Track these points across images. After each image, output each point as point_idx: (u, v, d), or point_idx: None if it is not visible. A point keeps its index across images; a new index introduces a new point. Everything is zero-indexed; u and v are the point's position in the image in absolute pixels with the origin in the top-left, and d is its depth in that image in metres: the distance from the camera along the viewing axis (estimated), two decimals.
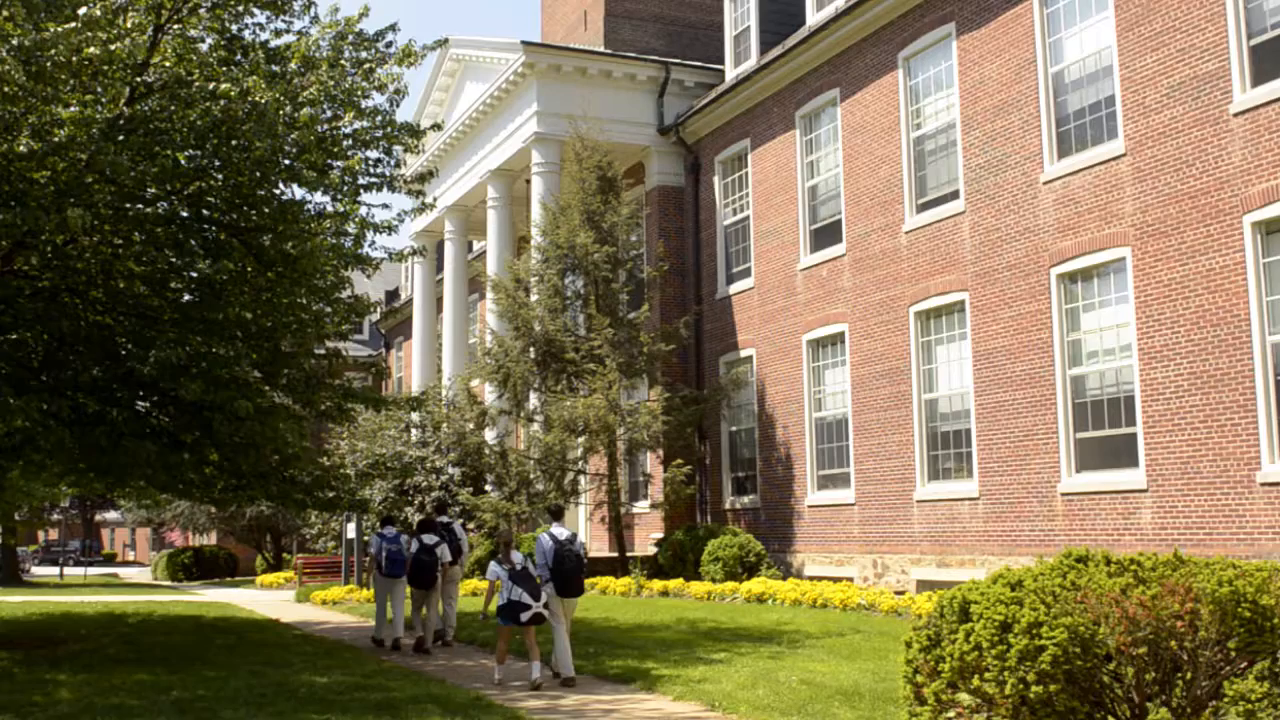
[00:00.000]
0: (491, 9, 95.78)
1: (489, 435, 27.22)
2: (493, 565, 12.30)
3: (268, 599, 29.46)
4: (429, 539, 16.03)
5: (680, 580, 22.95)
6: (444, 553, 16.09)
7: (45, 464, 16.30)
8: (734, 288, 26.26)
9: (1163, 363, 15.96)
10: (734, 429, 26.16)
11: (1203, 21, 15.65)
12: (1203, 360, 15.42)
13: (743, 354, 25.80)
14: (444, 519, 17.21)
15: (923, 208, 20.77)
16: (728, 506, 25.91)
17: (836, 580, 20.99)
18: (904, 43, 21.22)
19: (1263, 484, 14.60)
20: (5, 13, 11.73)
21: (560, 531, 12.45)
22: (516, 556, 12.20)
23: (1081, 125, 17.72)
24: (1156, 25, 16.33)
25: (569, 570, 12.33)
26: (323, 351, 17.42)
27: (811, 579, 21.66)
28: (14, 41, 11.58)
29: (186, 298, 15.01)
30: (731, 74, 27.03)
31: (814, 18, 24.20)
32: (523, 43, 27.61)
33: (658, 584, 22.82)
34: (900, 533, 20.64)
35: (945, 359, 20.18)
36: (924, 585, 19.72)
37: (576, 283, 25.47)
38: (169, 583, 47.76)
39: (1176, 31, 16.02)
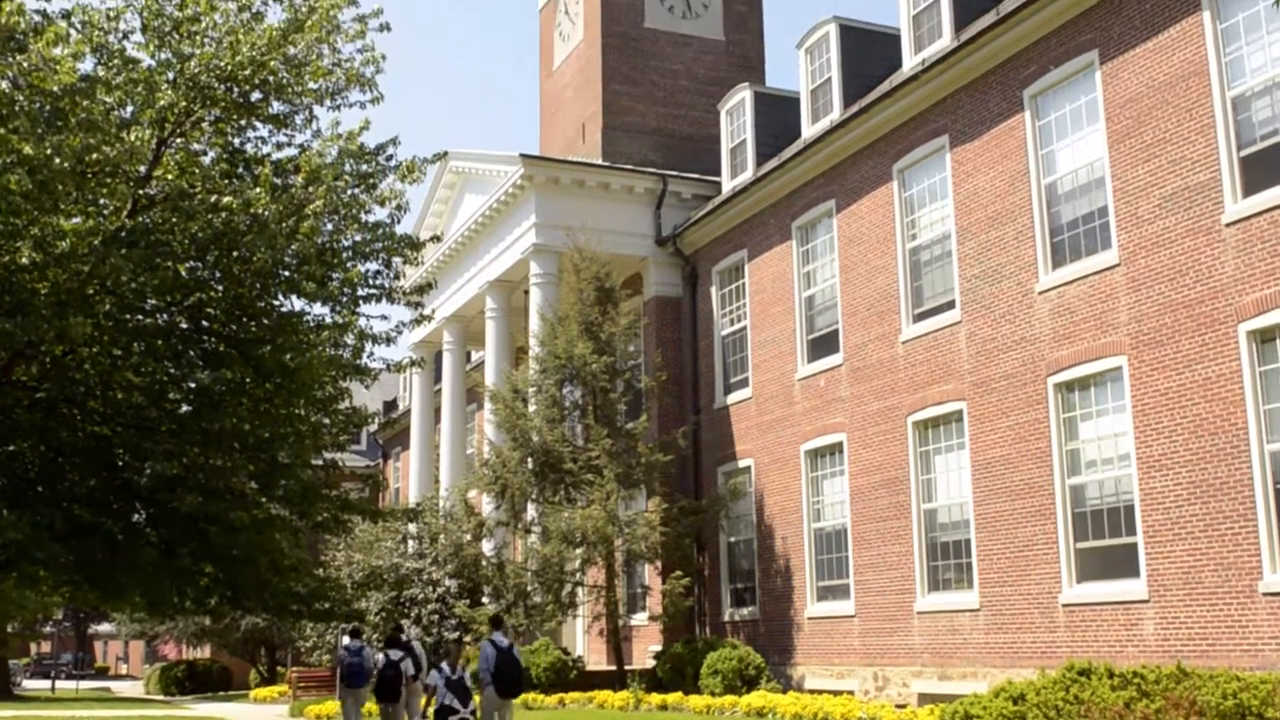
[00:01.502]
0: (491, 122, 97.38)
1: (486, 547, 27.02)
2: (433, 673, 14.00)
3: (261, 714, 29.00)
4: (394, 654, 17.02)
5: (679, 694, 22.61)
6: (407, 667, 17.51)
7: (39, 576, 16.13)
8: (732, 398, 26.28)
9: (1162, 472, 15.91)
10: (732, 540, 25.98)
11: (1193, 134, 15.88)
12: (1202, 469, 15.37)
13: (741, 464, 25.73)
14: (404, 638, 18.35)
15: (919, 317, 20.87)
16: (727, 618, 25.63)
17: (837, 693, 20.68)
18: (898, 155, 21.51)
19: (1265, 594, 14.47)
20: (10, 125, 11.87)
21: (501, 639, 14.36)
22: (448, 668, 13.97)
23: (1075, 235, 17.88)
24: (1148, 137, 16.56)
25: (509, 674, 14.18)
26: (320, 463, 17.33)
27: (812, 692, 21.34)
28: (18, 152, 11.71)
29: (184, 408, 14.96)
30: (728, 186, 27.34)
31: (809, 130, 24.55)
32: (521, 155, 27.97)
33: (656, 698, 22.48)
34: (901, 644, 20.39)
35: (944, 469, 20.12)
36: (926, 698, 19.43)
37: (575, 393, 25.48)
38: (162, 697, 47.06)
39: (1167, 143, 16.24)
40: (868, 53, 24.25)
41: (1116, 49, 17.12)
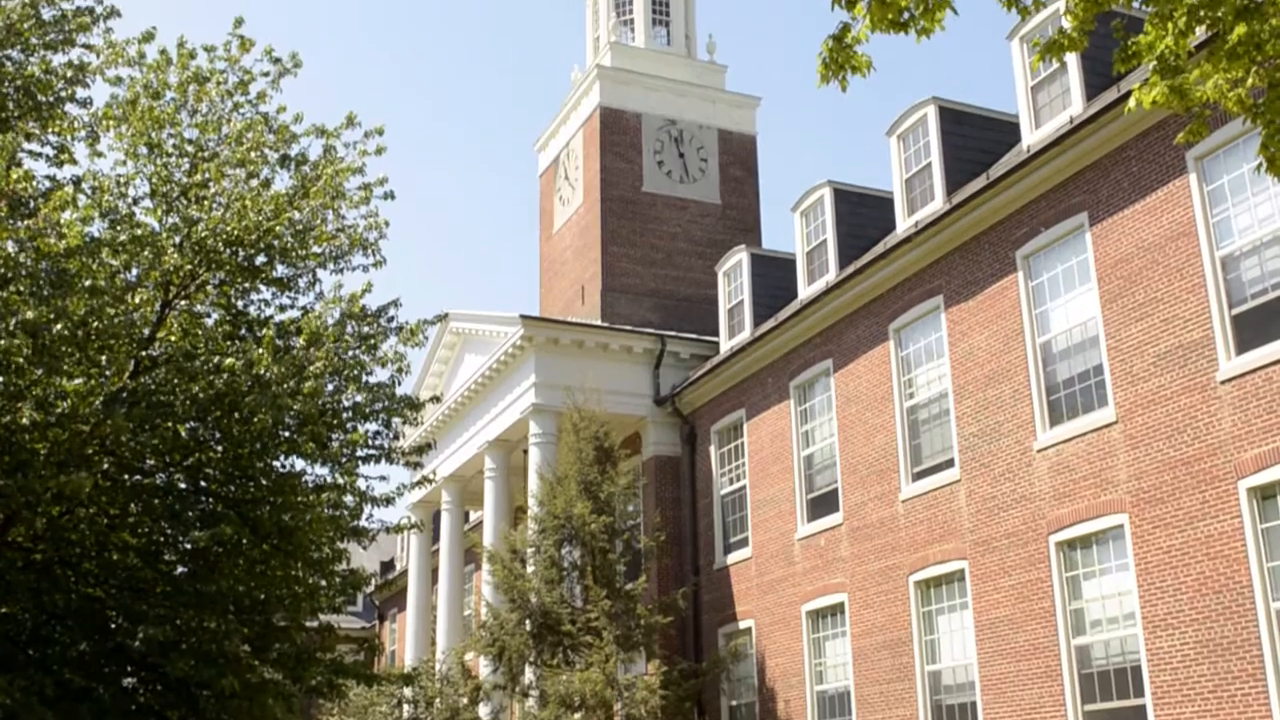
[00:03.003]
0: (491, 283, 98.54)
1: (483, 711, 26.50)
2: None
3: None
4: None
5: None
6: None
7: None
8: (732, 558, 26.07)
9: (1167, 631, 15.71)
10: (734, 703, 25.50)
11: (1184, 293, 16.09)
12: (1208, 628, 15.19)
13: (741, 625, 25.40)
14: None
15: (918, 476, 20.84)
16: None
17: None
18: (894, 315, 21.74)
19: None
20: (12, 288, 12.02)
21: None
22: None
23: (1072, 393, 17.97)
24: (1139, 297, 16.77)
25: None
26: (316, 625, 17.13)
27: None
28: (20, 316, 11.82)
29: (180, 570, 14.85)
30: (726, 346, 27.56)
31: (805, 291, 24.86)
32: (521, 316, 28.26)
33: None
34: None
35: (947, 629, 19.86)
36: None
37: (573, 553, 25.27)
38: None
39: (1159, 302, 16.44)
40: (861, 215, 24.71)
41: (1106, 211, 17.46)
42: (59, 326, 11.81)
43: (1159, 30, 7.75)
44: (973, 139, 21.82)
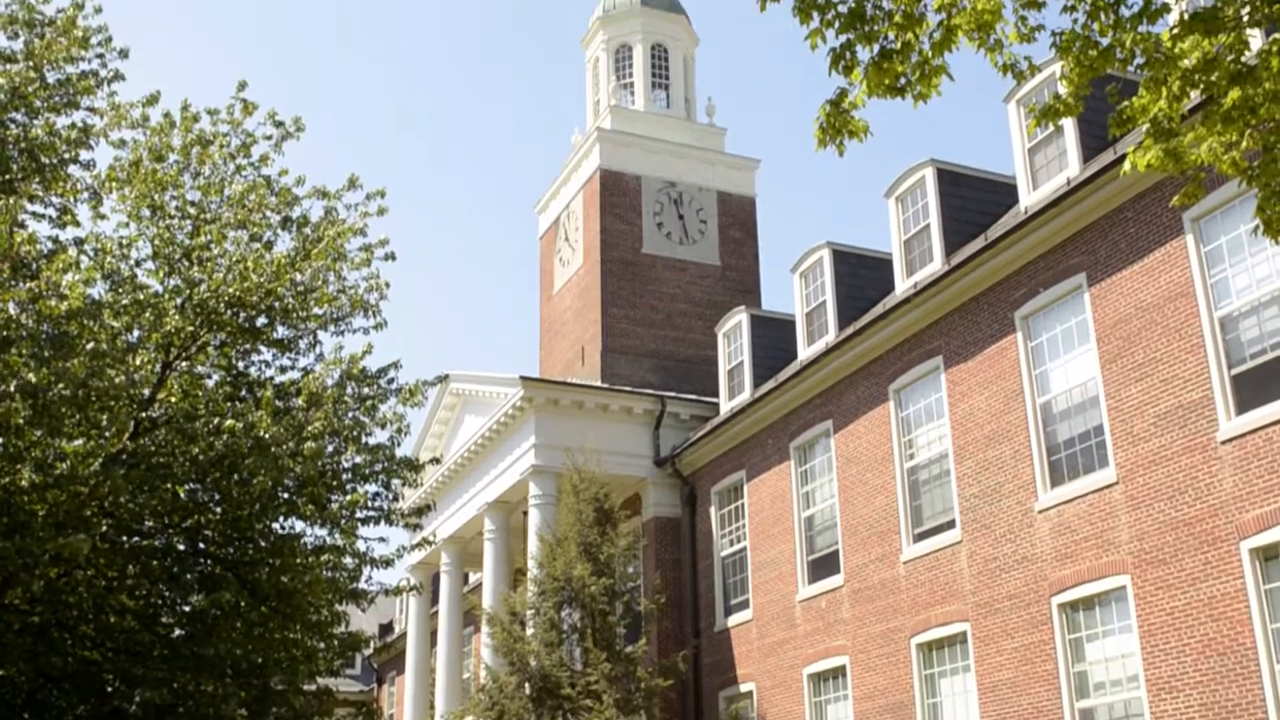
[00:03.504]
0: (491, 344, 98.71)
1: None
2: None
3: None
4: None
5: None
6: None
7: None
8: (733, 620, 25.91)
9: (1172, 694, 15.58)
10: None
11: (1183, 353, 16.12)
12: (1213, 691, 15.06)
13: (743, 688, 25.19)
14: None
15: (920, 537, 20.76)
16: None
17: None
18: (894, 375, 21.76)
19: None
20: (14, 350, 12.04)
21: None
22: None
23: (1072, 454, 17.94)
24: (1138, 357, 16.79)
25: None
26: (314, 689, 17.00)
27: None
28: (21, 378, 11.83)
29: (177, 633, 14.77)
30: (726, 407, 27.55)
31: (805, 352, 24.89)
32: (521, 378, 28.27)
33: None
34: None
35: (950, 692, 19.70)
36: None
37: (573, 616, 25.11)
38: None
39: (1159, 363, 16.46)
40: (861, 276, 24.79)
41: (1104, 272, 17.53)
42: (60, 388, 11.82)
43: (1153, 94, 7.83)
44: (971, 200, 21.94)
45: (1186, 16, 7.61)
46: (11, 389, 11.76)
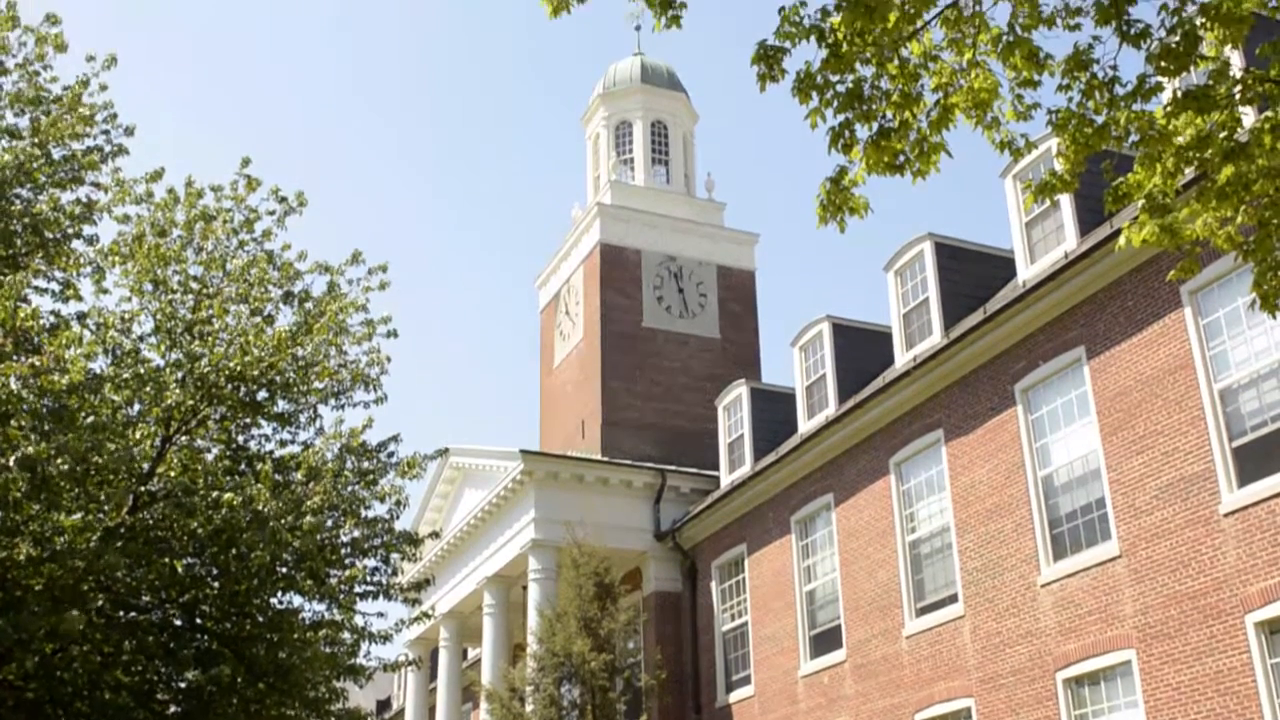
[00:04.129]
0: (492, 419, 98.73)
1: None
2: None
3: None
4: None
5: None
6: None
7: None
8: (734, 695, 25.66)
9: None
10: None
11: (1184, 425, 16.11)
12: None
13: None
14: None
15: (922, 611, 20.62)
16: None
17: None
18: (894, 448, 21.73)
19: None
20: (14, 423, 12.03)
21: None
22: None
23: (1075, 527, 17.88)
24: (1139, 429, 16.78)
25: None
26: None
27: None
28: (21, 451, 11.82)
29: (173, 709, 14.62)
30: (726, 480, 27.49)
31: (805, 425, 24.88)
32: (521, 451, 28.23)
33: None
34: None
35: None
36: None
37: (573, 692, 24.89)
38: None
39: (1160, 435, 16.45)
40: (860, 349, 24.84)
41: (1103, 345, 17.57)
42: (59, 462, 11.80)
43: (1148, 171, 7.91)
44: (969, 274, 22.05)
45: (1180, 94, 7.70)
46: (10, 463, 11.75)
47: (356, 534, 14.96)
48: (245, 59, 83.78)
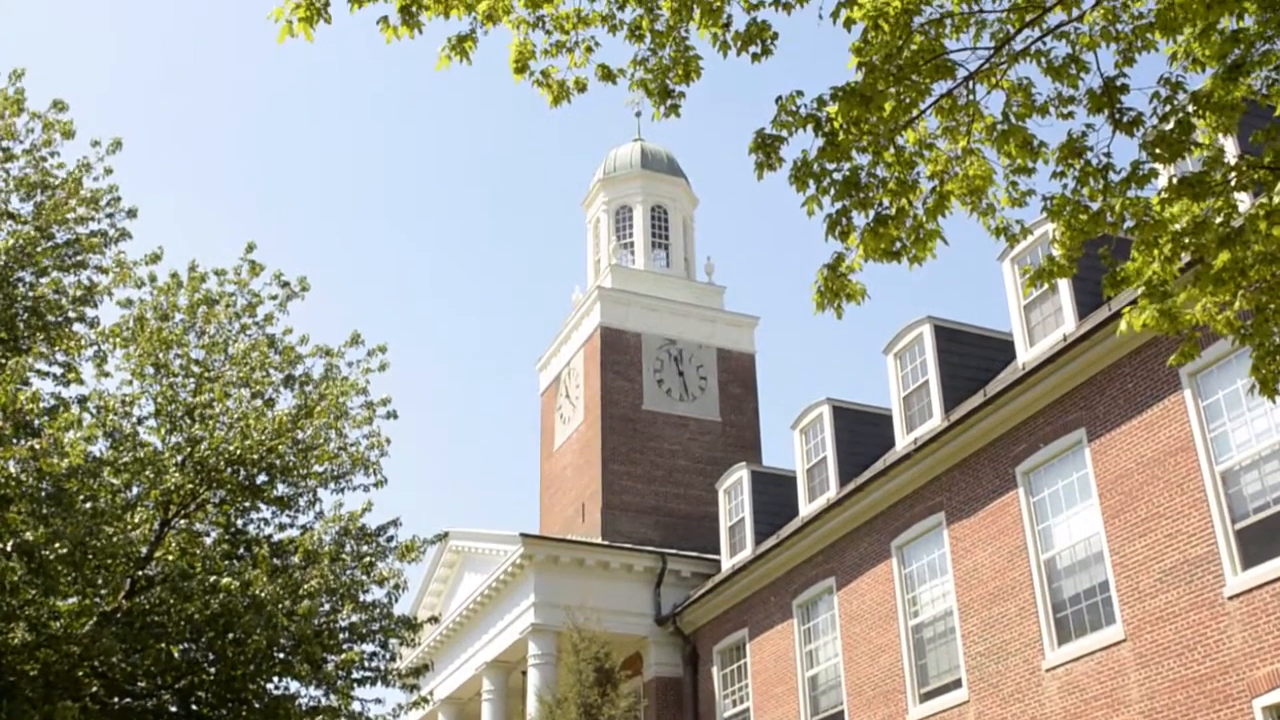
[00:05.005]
0: (491, 502, 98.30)
1: None
2: None
3: None
4: None
5: None
6: None
7: None
8: None
9: None
10: None
11: (1186, 508, 16.05)
12: None
13: None
14: None
15: (926, 697, 20.40)
16: None
17: None
18: (896, 531, 21.63)
19: None
20: (14, 508, 12.00)
21: None
22: None
23: (1079, 611, 17.74)
24: (1141, 512, 16.72)
25: None
26: None
27: None
28: (20, 537, 11.77)
29: None
30: (727, 564, 27.33)
31: (806, 508, 24.79)
32: (521, 535, 28.10)
33: None
34: None
35: None
36: None
37: None
38: None
39: (1162, 517, 16.38)
40: (861, 432, 24.82)
41: (1103, 427, 17.56)
42: (57, 547, 11.76)
43: (1145, 257, 7.96)
44: (969, 356, 22.09)
45: (1174, 181, 7.78)
46: (8, 548, 11.70)
47: (355, 618, 14.86)
48: (250, 143, 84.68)
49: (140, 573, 13.37)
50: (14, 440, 12.14)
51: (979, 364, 21.91)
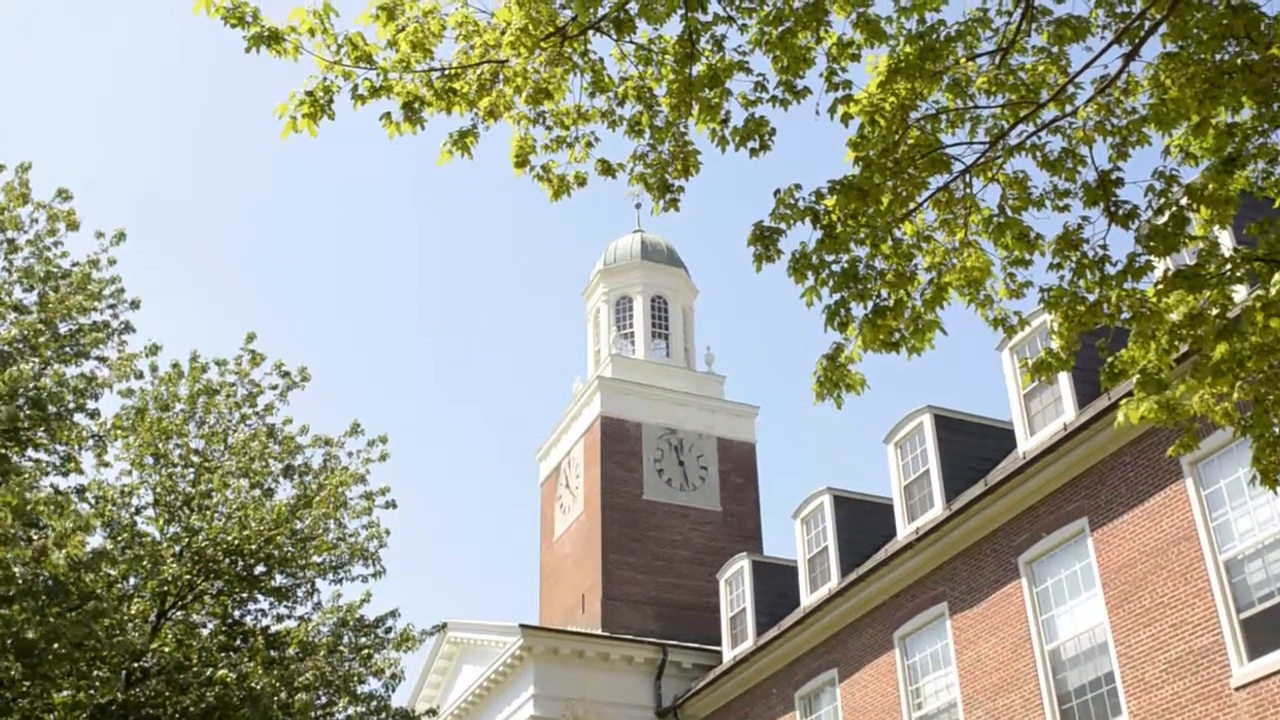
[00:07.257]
0: (491, 592, 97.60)
1: None
2: None
3: None
4: None
5: None
6: None
7: None
8: None
9: None
10: None
11: (1191, 597, 15.94)
12: None
13: None
14: None
15: None
16: None
17: None
18: (898, 622, 21.45)
19: None
20: (16, 606, 11.94)
21: None
22: None
23: (1084, 702, 17.54)
24: (1145, 602, 16.60)
25: None
26: None
27: None
28: (21, 635, 11.68)
29: None
30: (729, 655, 27.06)
31: (808, 599, 24.60)
32: (520, 626, 27.88)
33: None
34: None
35: None
36: None
37: None
38: None
39: (1167, 607, 16.26)
40: (862, 521, 24.70)
41: (1105, 516, 17.49)
42: (55, 646, 11.68)
43: (1142, 349, 8.00)
44: (970, 445, 22.06)
45: (1170, 273, 7.84)
46: (8, 645, 11.62)
47: (351, 711, 14.71)
48: (250, 232, 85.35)
49: (136, 665, 13.26)
50: (21, 541, 12.11)
51: (979, 453, 21.88)
